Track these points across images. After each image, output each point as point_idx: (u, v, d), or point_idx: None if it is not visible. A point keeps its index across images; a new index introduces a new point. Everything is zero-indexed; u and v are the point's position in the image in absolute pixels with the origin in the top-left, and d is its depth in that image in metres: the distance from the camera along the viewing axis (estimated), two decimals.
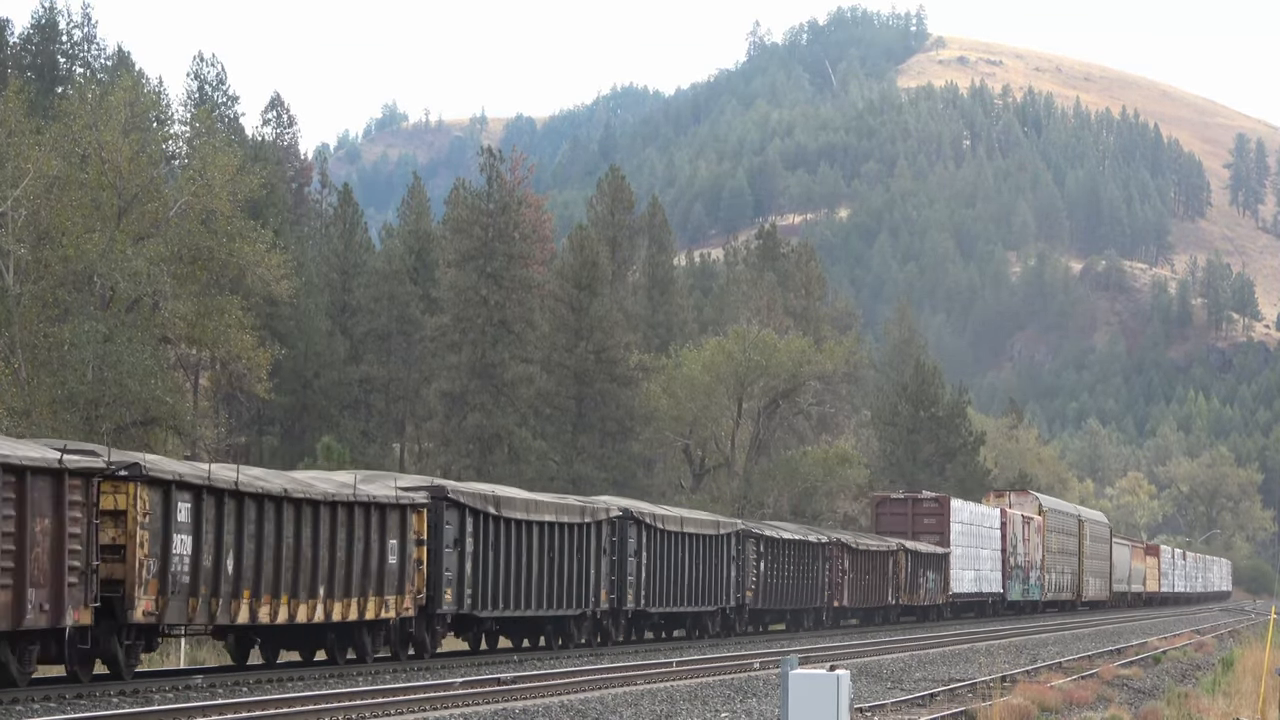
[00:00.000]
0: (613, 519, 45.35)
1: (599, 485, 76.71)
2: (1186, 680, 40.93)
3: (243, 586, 29.90)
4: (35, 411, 49.50)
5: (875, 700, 30.20)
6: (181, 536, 28.18)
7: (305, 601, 31.74)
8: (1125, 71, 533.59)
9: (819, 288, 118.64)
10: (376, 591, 34.08)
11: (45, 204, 53.25)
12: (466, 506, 37.71)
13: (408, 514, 35.31)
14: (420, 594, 35.97)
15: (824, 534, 62.95)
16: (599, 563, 44.34)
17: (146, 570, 27.20)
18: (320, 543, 32.07)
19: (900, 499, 77.64)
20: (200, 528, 28.61)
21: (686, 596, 49.82)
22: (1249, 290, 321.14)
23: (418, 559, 35.80)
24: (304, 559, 31.56)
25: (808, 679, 18.46)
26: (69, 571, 25.35)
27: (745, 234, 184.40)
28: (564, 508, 42.96)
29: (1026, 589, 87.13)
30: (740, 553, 53.85)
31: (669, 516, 49.44)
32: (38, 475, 24.70)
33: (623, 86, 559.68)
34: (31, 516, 24.56)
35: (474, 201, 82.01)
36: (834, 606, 62.93)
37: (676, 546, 48.98)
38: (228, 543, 29.39)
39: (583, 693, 30.20)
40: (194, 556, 28.48)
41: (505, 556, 39.40)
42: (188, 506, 28.34)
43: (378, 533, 34.08)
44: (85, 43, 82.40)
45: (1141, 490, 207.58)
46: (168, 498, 27.78)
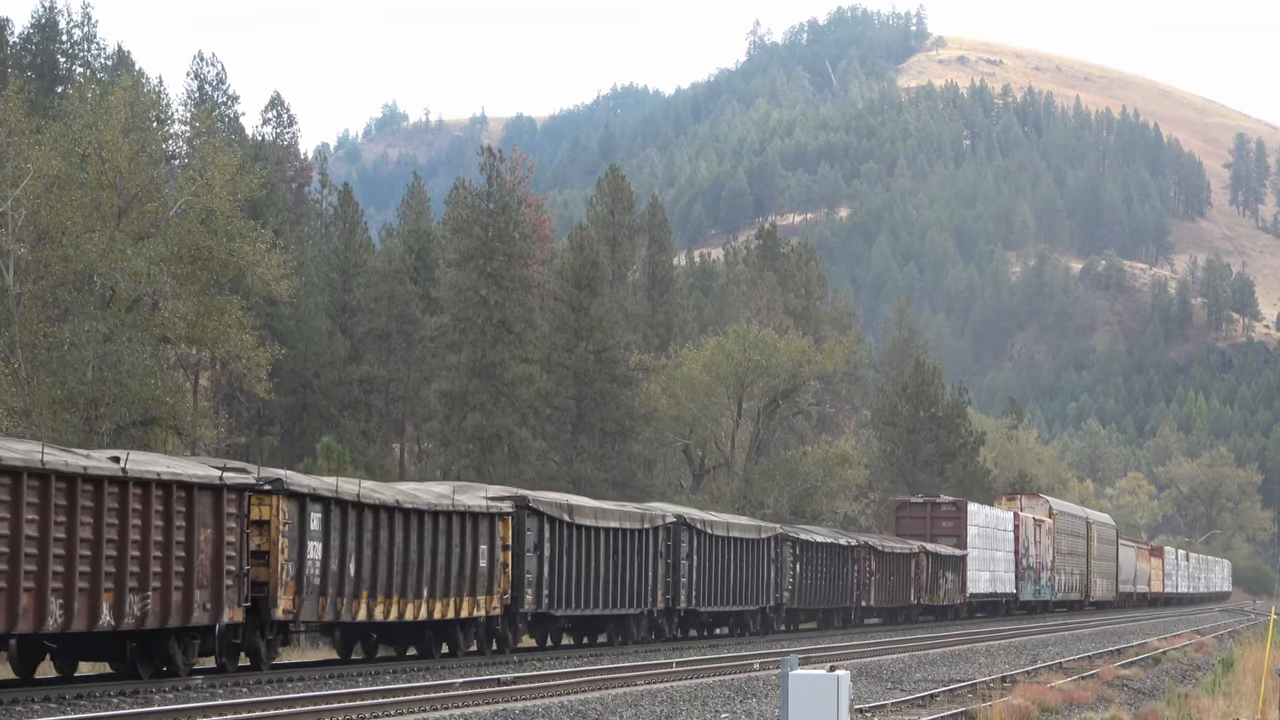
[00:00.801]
0: (668, 525, 48.86)
1: (599, 485, 76.73)
2: (1186, 681, 40.92)
3: (362, 588, 33.60)
4: (35, 411, 49.49)
5: (875, 701, 30.20)
6: (314, 543, 32.01)
7: (412, 601, 35.43)
8: (1125, 71, 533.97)
9: (819, 288, 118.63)
10: (470, 592, 37.71)
11: (45, 204, 53.23)
12: (544, 514, 41.52)
13: (495, 522, 39.09)
14: (505, 594, 39.59)
15: (853, 538, 66.16)
16: (656, 565, 47.88)
17: (286, 573, 31.12)
18: (424, 548, 35.81)
19: (919, 503, 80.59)
20: (329, 535, 32.41)
21: (731, 596, 53.23)
22: (1249, 290, 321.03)
23: (504, 563, 39.49)
24: (411, 563, 35.31)
25: (808, 679, 18.46)
26: (226, 575, 29.18)
27: (745, 234, 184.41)
28: (626, 514, 46.57)
29: (1038, 589, 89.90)
30: (778, 555, 57.39)
31: (716, 522, 52.78)
32: (203, 491, 28.57)
33: (623, 86, 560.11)
34: (197, 527, 28.42)
35: (474, 201, 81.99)
36: (862, 606, 66.19)
37: (723, 550, 52.40)
38: (350, 549, 33.15)
39: (583, 693, 30.20)
40: (323, 561, 32.34)
41: (576, 560, 43.08)
42: (319, 517, 32.15)
43: (471, 539, 37.75)
44: (85, 42, 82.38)
45: (1141, 490, 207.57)
46: (303, 509, 31.68)
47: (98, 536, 26.28)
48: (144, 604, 27.28)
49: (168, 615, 27.91)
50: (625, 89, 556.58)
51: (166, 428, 55.82)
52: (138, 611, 27.17)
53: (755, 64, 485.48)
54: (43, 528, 25.16)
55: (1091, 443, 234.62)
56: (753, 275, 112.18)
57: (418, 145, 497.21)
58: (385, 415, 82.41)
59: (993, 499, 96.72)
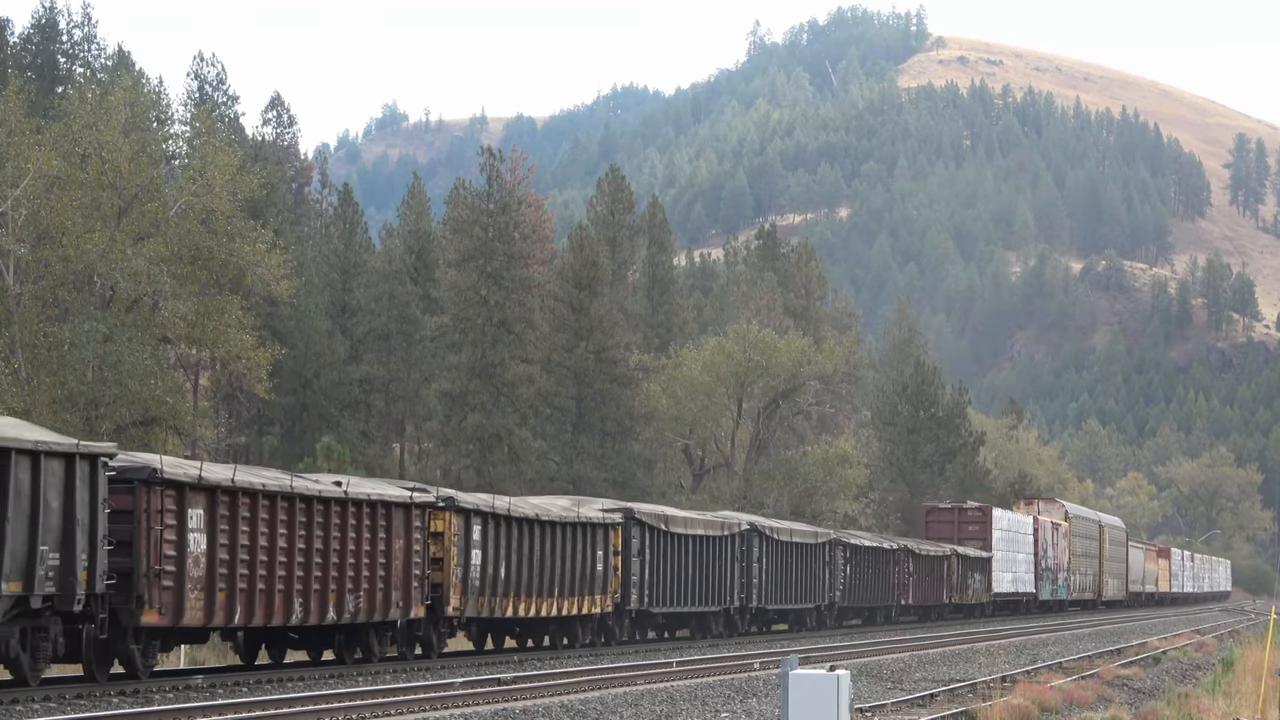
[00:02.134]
0: (742, 532, 54.22)
1: (599, 485, 76.72)
2: (1186, 680, 40.93)
3: (509, 588, 39.39)
4: (35, 411, 49.48)
5: (875, 700, 30.21)
6: (475, 551, 37.90)
7: (545, 599, 41.29)
8: (1125, 71, 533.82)
9: (819, 288, 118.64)
10: (589, 592, 43.64)
11: (45, 204, 53.25)
12: (646, 524, 47.07)
13: (609, 531, 44.97)
14: (616, 594, 45.40)
15: (894, 541, 71.60)
16: (733, 568, 53.39)
17: (455, 576, 36.91)
18: (556, 555, 41.65)
19: (948, 508, 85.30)
20: (486, 544, 38.29)
21: (793, 595, 58.78)
22: (1249, 290, 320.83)
23: (615, 567, 45.25)
24: (546, 567, 41.10)
25: (808, 679, 18.46)
26: (413, 578, 34.98)
27: (745, 234, 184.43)
28: (709, 523, 52.21)
29: (1055, 589, 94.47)
30: (831, 558, 62.68)
31: (781, 529, 58.25)
32: (398, 508, 34.53)
33: (623, 86, 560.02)
34: (394, 539, 34.35)
35: (474, 201, 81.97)
36: (901, 604, 71.15)
37: (787, 554, 57.88)
38: (502, 555, 38.98)
39: (583, 693, 30.20)
40: (482, 566, 38.21)
41: (670, 564, 48.60)
42: (479, 529, 37.99)
43: (590, 546, 43.61)
44: (85, 43, 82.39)
45: (1141, 490, 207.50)
46: (468, 522, 37.51)
47: (326, 547, 32.10)
48: (356, 602, 33.11)
49: (372, 611, 33.73)
50: (625, 89, 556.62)
51: (166, 428, 55.85)
52: (352, 609, 32.99)
53: (755, 64, 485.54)
54: (289, 540, 30.97)
55: (1091, 443, 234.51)
56: (753, 275, 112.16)
57: (418, 145, 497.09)
58: (385, 415, 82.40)
59: (1009, 502, 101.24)
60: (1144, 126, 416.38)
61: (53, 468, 25.51)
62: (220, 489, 29.24)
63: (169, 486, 28.07)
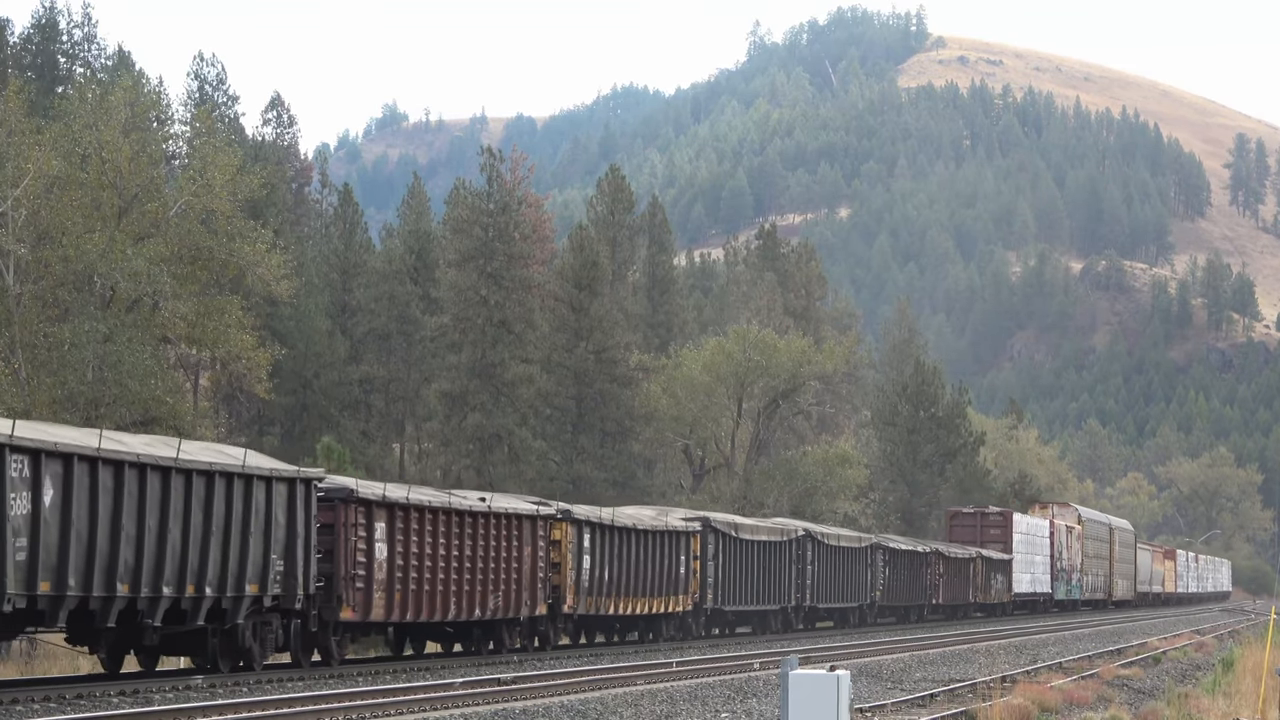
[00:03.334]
0: (798, 538, 59.48)
1: (599, 485, 76.73)
2: (1186, 680, 40.93)
3: (612, 590, 45.01)
4: (35, 411, 49.47)
5: (875, 700, 30.21)
6: (586, 557, 43.51)
7: (639, 599, 46.70)
8: (1125, 71, 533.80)
9: (819, 288, 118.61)
10: (673, 592, 49.09)
11: (45, 204, 53.20)
12: (719, 531, 52.47)
13: (689, 538, 50.36)
14: (695, 594, 50.76)
15: (926, 545, 76.53)
16: (790, 570, 58.81)
17: (570, 579, 42.62)
18: (647, 559, 47.13)
19: (970, 513, 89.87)
20: (594, 551, 43.97)
21: (840, 595, 64.23)
22: (1249, 290, 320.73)
23: (694, 570, 50.48)
24: (640, 570, 46.66)
25: (808, 679, 18.46)
26: (538, 581, 40.91)
27: (745, 234, 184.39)
28: (770, 529, 57.52)
29: (1069, 589, 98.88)
30: (872, 561, 67.69)
31: (830, 534, 63.76)
32: (527, 520, 40.55)
33: (623, 86, 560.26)
34: (523, 546, 40.29)
35: (474, 201, 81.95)
36: (932, 604, 76.16)
37: (835, 557, 63.27)
38: (606, 560, 44.58)
39: (583, 693, 30.20)
40: (591, 570, 43.82)
41: (739, 567, 53.99)
42: (589, 537, 43.67)
43: (674, 552, 49.07)
44: (85, 43, 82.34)
45: (1141, 491, 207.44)
46: (579, 531, 43.23)
47: (474, 554, 38.09)
48: (496, 601, 39.00)
49: (507, 609, 39.62)
50: (625, 89, 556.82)
51: (166, 428, 55.78)
52: (493, 607, 38.95)
53: (755, 64, 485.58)
54: (447, 548, 36.97)
55: (1091, 443, 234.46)
56: (753, 275, 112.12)
57: (418, 145, 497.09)
58: (385, 415, 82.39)
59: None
60: (1144, 126, 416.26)
61: (280, 490, 30.91)
62: (397, 505, 35.06)
63: (361, 504, 33.74)
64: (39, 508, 24.93)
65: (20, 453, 24.40)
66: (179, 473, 28.11)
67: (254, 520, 30.03)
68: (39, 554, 24.80)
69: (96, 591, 26.14)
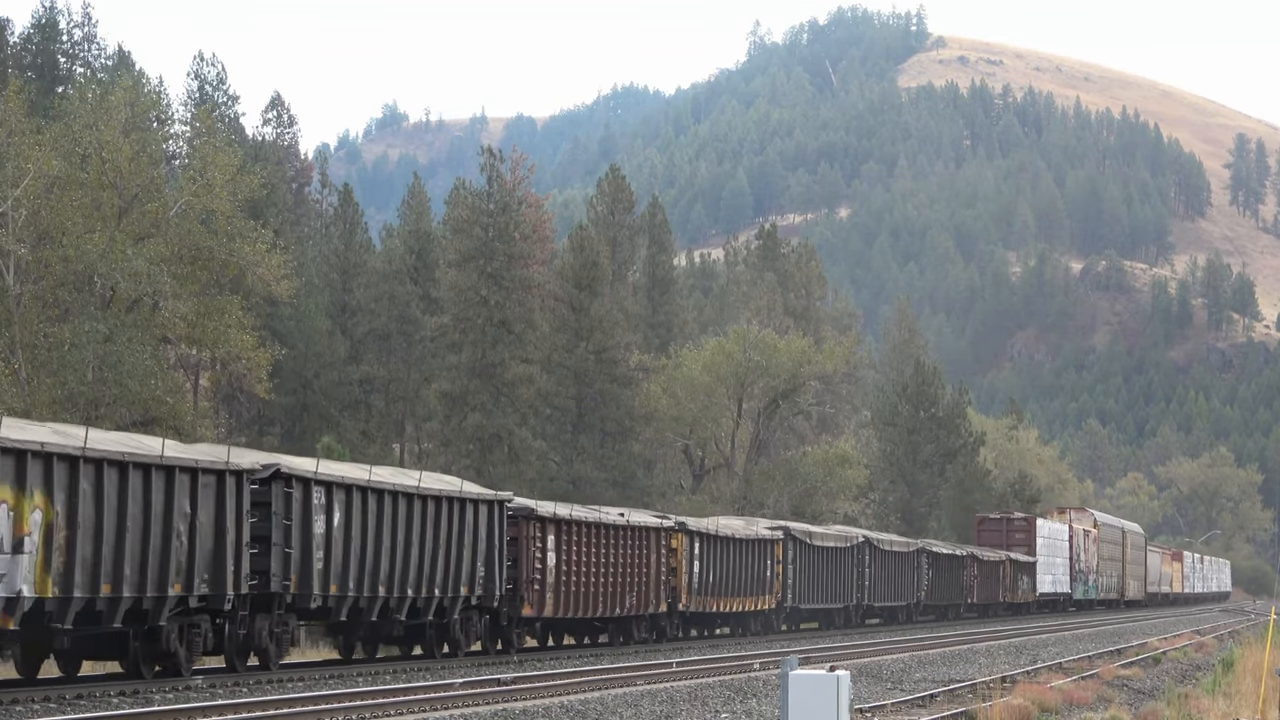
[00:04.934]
0: (858, 544, 65.82)
1: (599, 485, 76.71)
2: (1186, 681, 40.92)
3: (714, 591, 51.73)
4: (35, 411, 49.47)
5: (875, 701, 30.20)
6: (696, 562, 50.47)
7: (735, 599, 53.56)
8: (1125, 71, 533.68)
9: (819, 288, 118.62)
10: (760, 592, 55.76)
11: (45, 204, 53.21)
12: (797, 538, 59.31)
13: (773, 545, 56.98)
14: (778, 594, 57.42)
15: (963, 549, 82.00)
16: (853, 573, 65.16)
17: (684, 581, 49.44)
18: (743, 564, 53.85)
19: (997, 519, 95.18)
20: (704, 557, 50.84)
21: (891, 594, 70.22)
22: (1249, 290, 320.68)
23: (777, 573, 57.18)
24: (736, 573, 53.26)
25: (807, 680, 18.46)
26: (661, 583, 47.90)
27: (745, 234, 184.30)
28: (836, 536, 64.19)
29: (1087, 589, 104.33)
30: (918, 564, 73.40)
31: (884, 539, 70.51)
32: (651, 531, 47.44)
33: (623, 86, 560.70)
34: (649, 554, 47.27)
35: (474, 201, 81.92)
36: (968, 602, 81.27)
37: (888, 561, 69.47)
38: (710, 565, 51.27)
39: (583, 693, 30.19)
40: (700, 574, 50.71)
41: (812, 570, 60.75)
42: (699, 546, 50.58)
43: (762, 557, 55.74)
44: (85, 43, 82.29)
45: (1141, 491, 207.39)
46: (692, 540, 50.01)
47: (616, 561, 44.98)
48: (631, 600, 45.99)
49: (639, 606, 46.57)
50: (625, 89, 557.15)
51: (166, 428, 55.79)
52: (629, 604, 45.91)
53: (755, 64, 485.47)
54: (597, 556, 43.84)
55: (1091, 443, 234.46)
56: (753, 275, 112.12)
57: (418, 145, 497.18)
58: (385, 415, 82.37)
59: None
60: (1144, 126, 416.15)
61: (484, 510, 38.23)
62: (563, 521, 42.27)
63: (538, 521, 41.07)
64: (330, 528, 32.29)
65: (320, 485, 31.94)
66: (419, 498, 35.61)
67: (467, 536, 37.41)
68: (330, 563, 32.24)
69: (365, 593, 33.67)
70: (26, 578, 24.82)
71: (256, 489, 30.47)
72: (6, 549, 24.55)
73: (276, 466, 31.13)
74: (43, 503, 25.23)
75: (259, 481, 30.56)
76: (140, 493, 27.15)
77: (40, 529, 25.14)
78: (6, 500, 24.53)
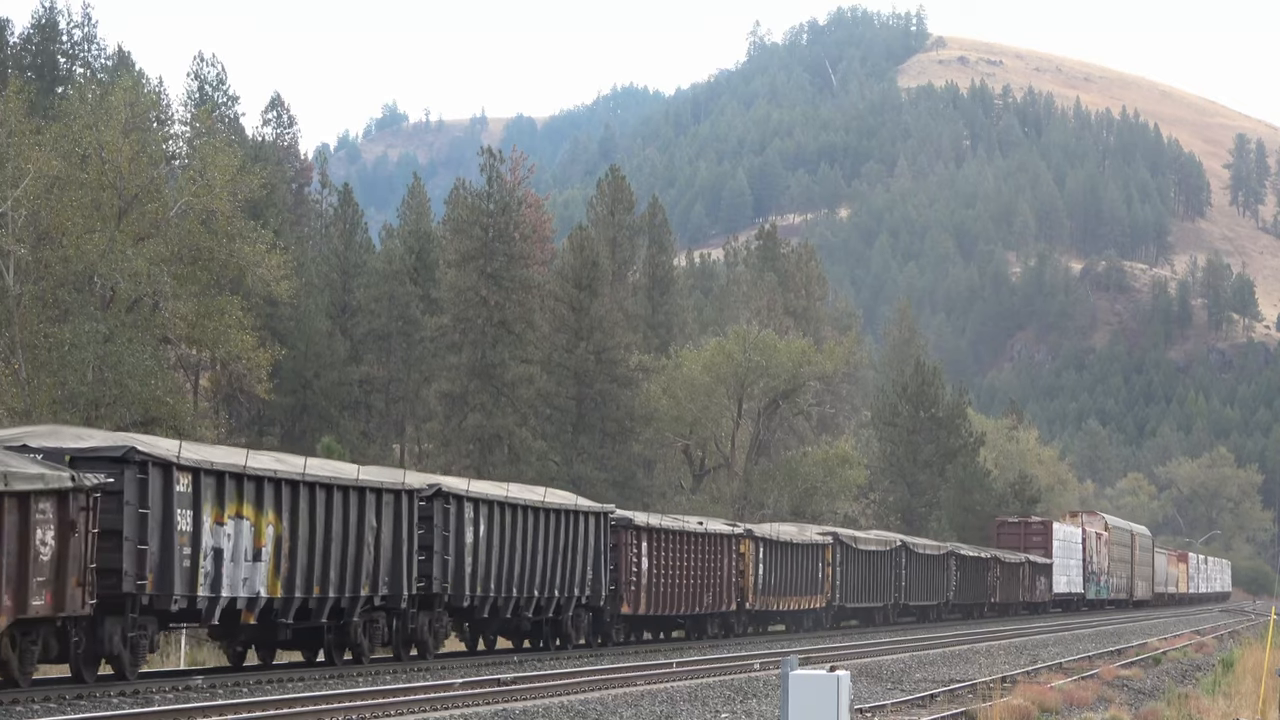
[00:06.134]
0: (895, 547, 71.52)
1: (599, 485, 76.65)
2: (1187, 681, 40.93)
3: (775, 590, 57.60)
4: (35, 412, 49.47)
5: (875, 701, 30.20)
6: (761, 565, 56.36)
7: (795, 598, 59.78)
8: (1125, 71, 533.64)
9: (819, 288, 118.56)
10: (813, 592, 61.93)
11: (45, 204, 53.19)
12: (844, 543, 65.30)
13: (824, 549, 63.02)
14: (829, 594, 63.49)
15: (986, 551, 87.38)
16: (892, 573, 70.98)
17: (750, 582, 55.32)
18: (799, 566, 60.07)
19: (1015, 522, 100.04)
20: (766, 561, 56.75)
21: (925, 594, 76.01)
22: (1249, 290, 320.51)
23: (827, 574, 63.15)
24: (794, 575, 59.61)
25: (808, 680, 18.46)
26: (732, 584, 53.69)
27: (745, 234, 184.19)
28: (878, 540, 70.36)
29: (1098, 590, 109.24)
30: (947, 566, 79.03)
31: (919, 543, 76.48)
32: (723, 538, 53.27)
33: (623, 86, 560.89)
34: (722, 558, 53.12)
35: (474, 201, 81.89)
36: (991, 602, 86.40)
37: (921, 563, 75.32)
38: (773, 568, 57.40)
39: (583, 693, 30.19)
40: (765, 575, 56.68)
41: (857, 572, 66.75)
42: (763, 550, 56.48)
43: (814, 560, 61.87)
44: (85, 43, 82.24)
45: (1142, 491, 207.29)
46: (757, 546, 56.06)
47: (694, 565, 50.56)
48: (707, 600, 51.95)
49: (715, 605, 52.68)
50: (625, 89, 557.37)
51: (166, 428, 55.77)
52: (704, 603, 51.68)
53: (755, 64, 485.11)
54: (679, 561, 49.75)
55: (1091, 443, 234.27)
56: (753, 275, 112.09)
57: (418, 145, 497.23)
58: (385, 415, 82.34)
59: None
60: (1144, 126, 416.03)
61: (591, 521, 44.07)
62: (654, 529, 48.41)
63: (635, 529, 46.96)
64: (477, 538, 38.14)
65: (470, 501, 37.99)
66: (544, 511, 41.35)
67: (579, 544, 43.28)
68: (477, 568, 38.14)
69: (502, 593, 39.51)
70: (263, 581, 30.48)
71: (423, 505, 36.27)
72: (250, 558, 29.96)
73: (438, 486, 37.12)
74: (274, 520, 30.73)
75: (424, 499, 36.39)
76: (340, 510, 32.96)
77: (272, 541, 30.70)
78: (249, 517, 29.95)
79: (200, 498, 28.72)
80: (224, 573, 29.28)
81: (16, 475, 24.70)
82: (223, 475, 29.36)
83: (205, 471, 28.87)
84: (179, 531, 28.16)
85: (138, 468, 27.42)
